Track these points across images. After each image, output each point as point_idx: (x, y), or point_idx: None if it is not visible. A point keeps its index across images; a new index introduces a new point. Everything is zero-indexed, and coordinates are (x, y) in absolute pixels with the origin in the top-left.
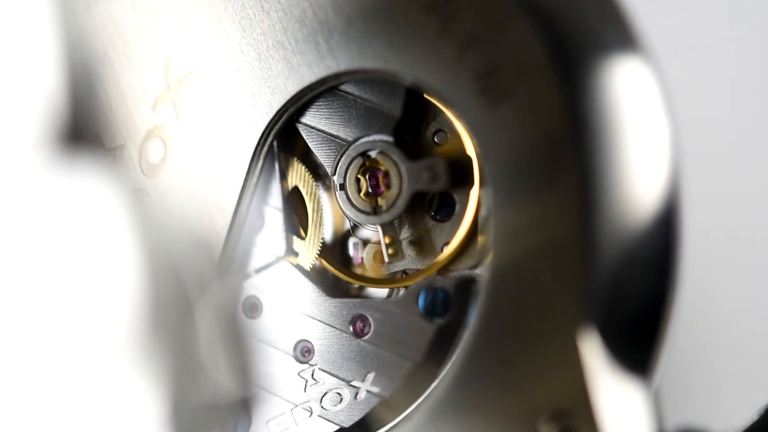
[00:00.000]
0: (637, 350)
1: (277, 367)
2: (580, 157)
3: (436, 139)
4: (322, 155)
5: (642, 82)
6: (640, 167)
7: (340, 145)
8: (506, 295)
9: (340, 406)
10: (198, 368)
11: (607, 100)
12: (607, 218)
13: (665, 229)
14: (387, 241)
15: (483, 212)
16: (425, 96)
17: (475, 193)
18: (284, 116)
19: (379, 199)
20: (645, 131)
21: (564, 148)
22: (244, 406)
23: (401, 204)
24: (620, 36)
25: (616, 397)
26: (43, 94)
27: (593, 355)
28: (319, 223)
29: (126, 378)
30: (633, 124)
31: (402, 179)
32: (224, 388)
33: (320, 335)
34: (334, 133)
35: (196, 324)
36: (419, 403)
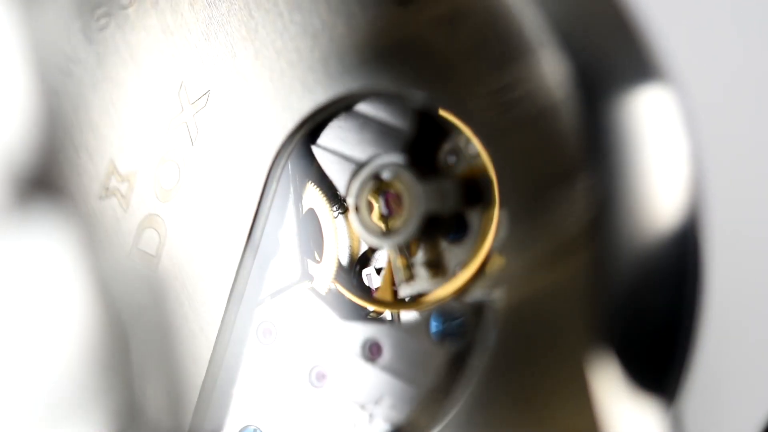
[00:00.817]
0: (655, 374)
1: (291, 393)
2: (596, 181)
3: (449, 161)
4: (335, 177)
5: (662, 113)
6: (658, 194)
7: (353, 167)
8: (522, 320)
9: None
10: (136, 406)
11: (626, 130)
12: (623, 243)
13: (682, 249)
14: (400, 263)
15: (498, 234)
16: (440, 117)
17: (489, 214)
18: (297, 137)
19: (391, 221)
20: (664, 162)
21: (580, 172)
22: None
23: (413, 226)
24: (641, 66)
25: (635, 423)
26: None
27: (612, 380)
28: (335, 247)
29: (68, 418)
30: (652, 153)
31: (414, 201)
32: (160, 425)
33: (334, 360)
34: (347, 153)
35: (132, 361)
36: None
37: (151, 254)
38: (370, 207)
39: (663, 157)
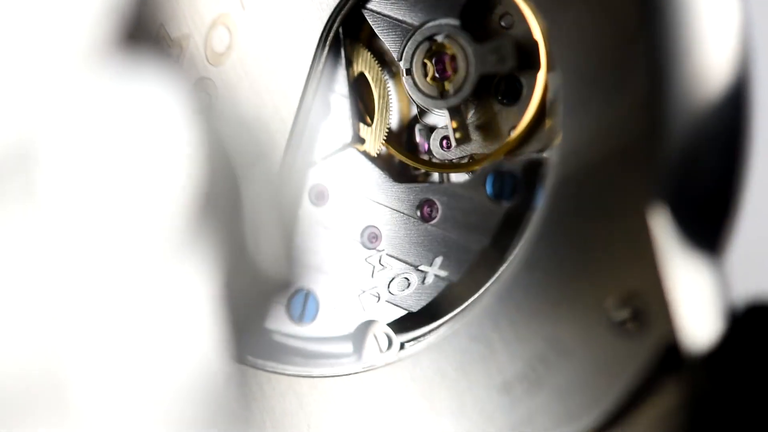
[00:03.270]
0: (707, 228)
1: (344, 254)
2: (653, 46)
3: (502, 23)
4: (388, 41)
5: None
6: (712, 60)
7: (406, 30)
8: (575, 176)
9: (407, 291)
10: (244, 252)
11: None
12: (678, 97)
13: (734, 109)
14: (454, 125)
15: (550, 95)
16: None
17: (542, 76)
18: (350, 2)
19: (446, 84)
20: (717, 27)
21: (638, 36)
22: (286, 289)
23: (468, 87)
24: None
25: (686, 277)
26: None
27: (663, 235)
28: (386, 110)
29: (176, 259)
30: (706, 17)
31: (469, 62)
32: (268, 272)
33: (387, 221)
34: (401, 18)
35: (243, 209)
36: (488, 287)
37: None
38: (424, 69)
39: (716, 22)
